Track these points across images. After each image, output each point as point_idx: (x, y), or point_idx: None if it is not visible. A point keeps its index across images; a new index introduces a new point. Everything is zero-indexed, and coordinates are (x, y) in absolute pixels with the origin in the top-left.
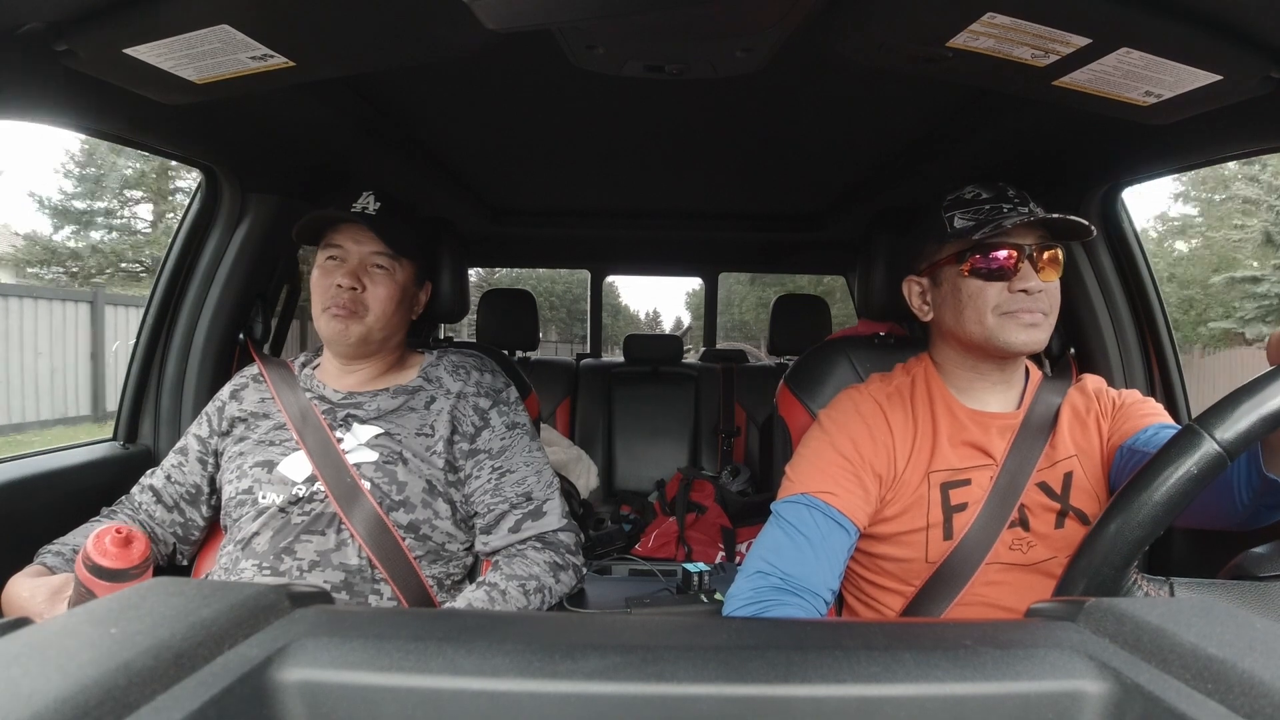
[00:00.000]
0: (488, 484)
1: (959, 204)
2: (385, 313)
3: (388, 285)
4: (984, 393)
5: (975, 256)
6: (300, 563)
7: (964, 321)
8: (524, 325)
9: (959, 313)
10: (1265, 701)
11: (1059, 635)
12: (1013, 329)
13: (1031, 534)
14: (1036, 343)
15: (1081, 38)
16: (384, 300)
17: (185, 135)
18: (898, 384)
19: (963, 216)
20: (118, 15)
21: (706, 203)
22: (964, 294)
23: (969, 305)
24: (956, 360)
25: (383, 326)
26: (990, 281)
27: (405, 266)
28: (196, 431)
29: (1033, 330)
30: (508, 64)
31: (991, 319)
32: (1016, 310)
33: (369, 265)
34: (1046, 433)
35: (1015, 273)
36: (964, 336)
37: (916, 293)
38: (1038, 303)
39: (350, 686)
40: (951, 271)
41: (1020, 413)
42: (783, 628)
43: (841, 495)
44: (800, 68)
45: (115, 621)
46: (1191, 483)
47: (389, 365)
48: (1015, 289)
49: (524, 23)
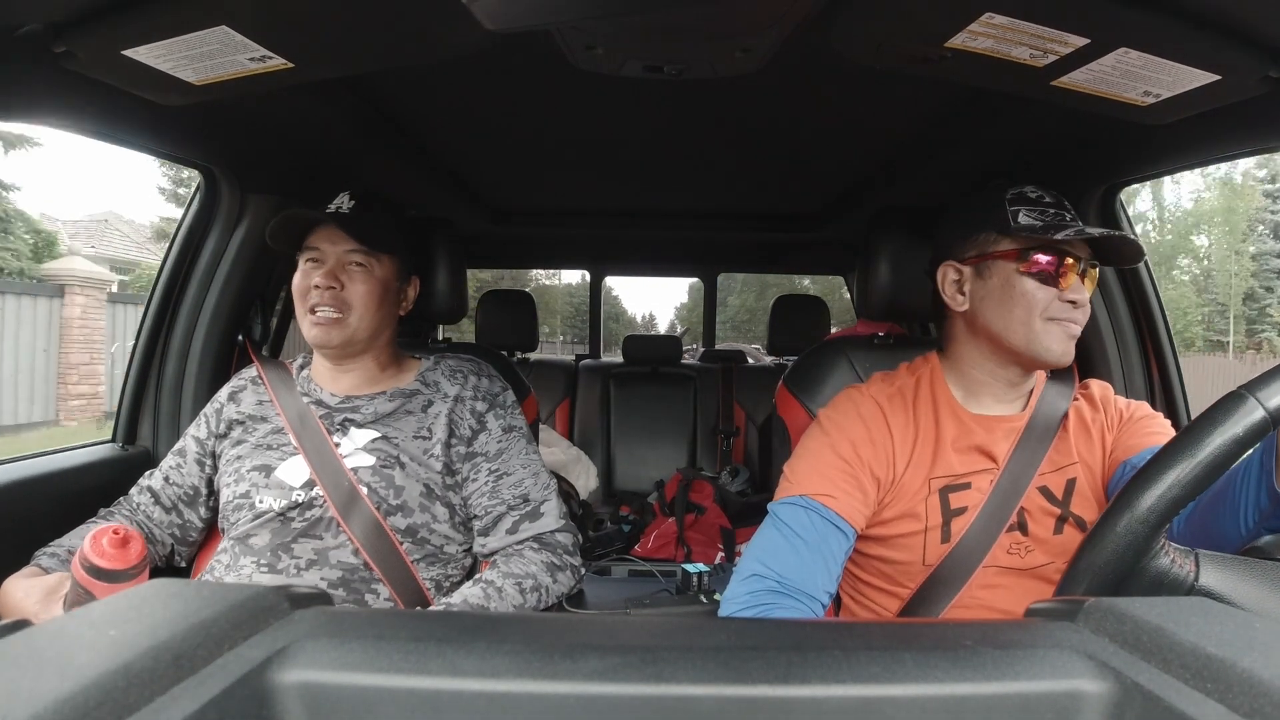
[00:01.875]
0: (485, 486)
1: (1024, 200)
2: (367, 309)
3: (367, 282)
4: (993, 396)
5: (1037, 257)
6: (298, 560)
7: (1011, 320)
8: (523, 326)
9: (1007, 310)
10: (1265, 701)
11: (1058, 635)
12: (1056, 336)
13: (1030, 538)
14: (1070, 355)
15: (1080, 38)
16: (364, 296)
17: (184, 136)
18: (900, 385)
19: (1028, 214)
20: (116, 17)
21: (706, 203)
22: (1016, 292)
23: (1019, 304)
24: (978, 359)
25: (367, 324)
26: (1045, 285)
27: (385, 262)
28: (194, 433)
29: (1070, 345)
30: (507, 64)
31: (1038, 323)
32: (1063, 319)
33: (346, 264)
34: (1051, 436)
35: (1069, 282)
36: (1003, 335)
37: (952, 280)
38: (1081, 314)
39: (350, 688)
40: (1006, 267)
41: (1025, 415)
42: (782, 628)
43: (840, 498)
44: (799, 68)
45: (114, 623)
46: (1235, 444)
47: (383, 365)
48: (1065, 298)
49: (523, 23)
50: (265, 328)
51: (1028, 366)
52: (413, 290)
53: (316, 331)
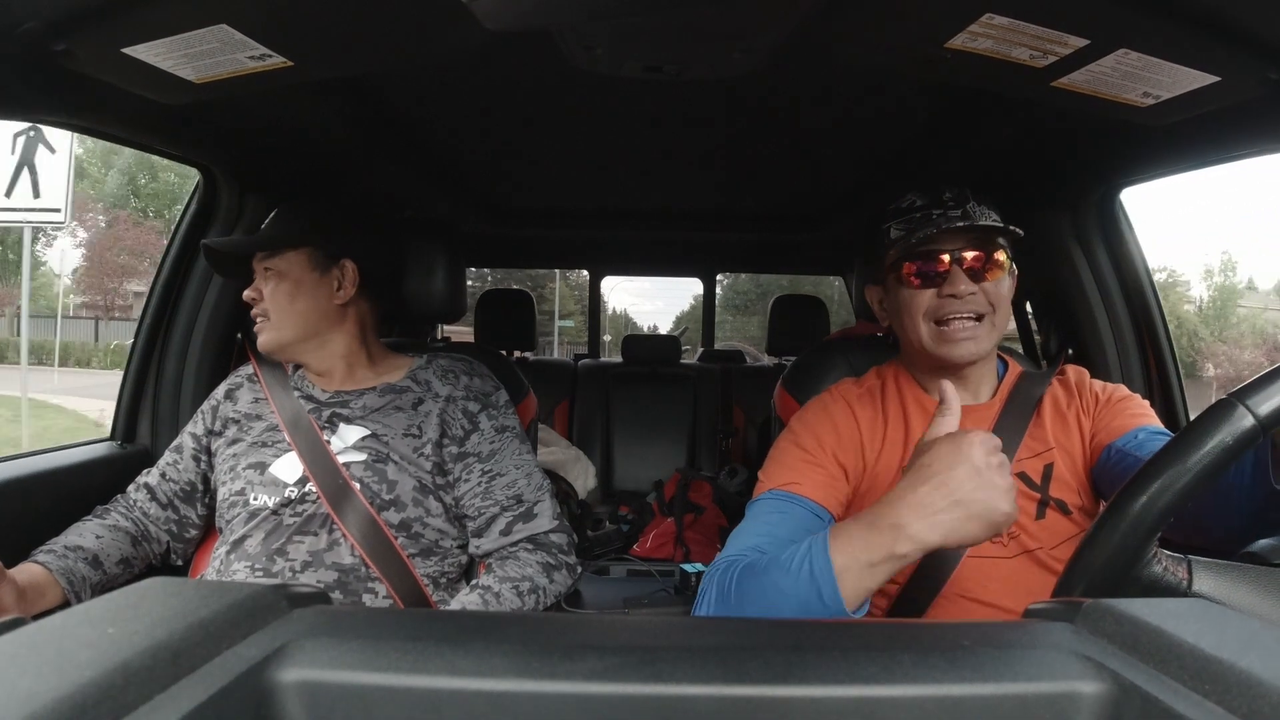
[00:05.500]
0: (477, 487)
1: (896, 213)
2: (282, 309)
3: (277, 281)
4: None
5: (905, 264)
6: (293, 563)
7: (905, 329)
8: (522, 326)
9: (900, 320)
10: (1263, 702)
11: (1056, 636)
12: (945, 344)
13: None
14: (974, 354)
15: (1080, 39)
16: (276, 297)
17: (183, 135)
18: (869, 385)
19: (897, 226)
20: (116, 15)
21: (705, 203)
22: (900, 301)
23: (905, 312)
24: (918, 362)
25: (290, 323)
26: (922, 289)
27: (290, 258)
28: (191, 430)
29: (967, 344)
30: (507, 64)
31: (925, 328)
32: (948, 318)
33: (262, 273)
34: (1025, 423)
35: (945, 278)
36: (909, 343)
37: (877, 299)
38: (969, 305)
39: (348, 687)
40: (891, 280)
41: (996, 403)
42: (782, 628)
43: (806, 483)
44: (799, 68)
45: (112, 621)
46: (1224, 454)
47: (358, 359)
48: (945, 294)
49: (523, 23)
50: None
51: (946, 367)
52: (349, 275)
53: (259, 341)
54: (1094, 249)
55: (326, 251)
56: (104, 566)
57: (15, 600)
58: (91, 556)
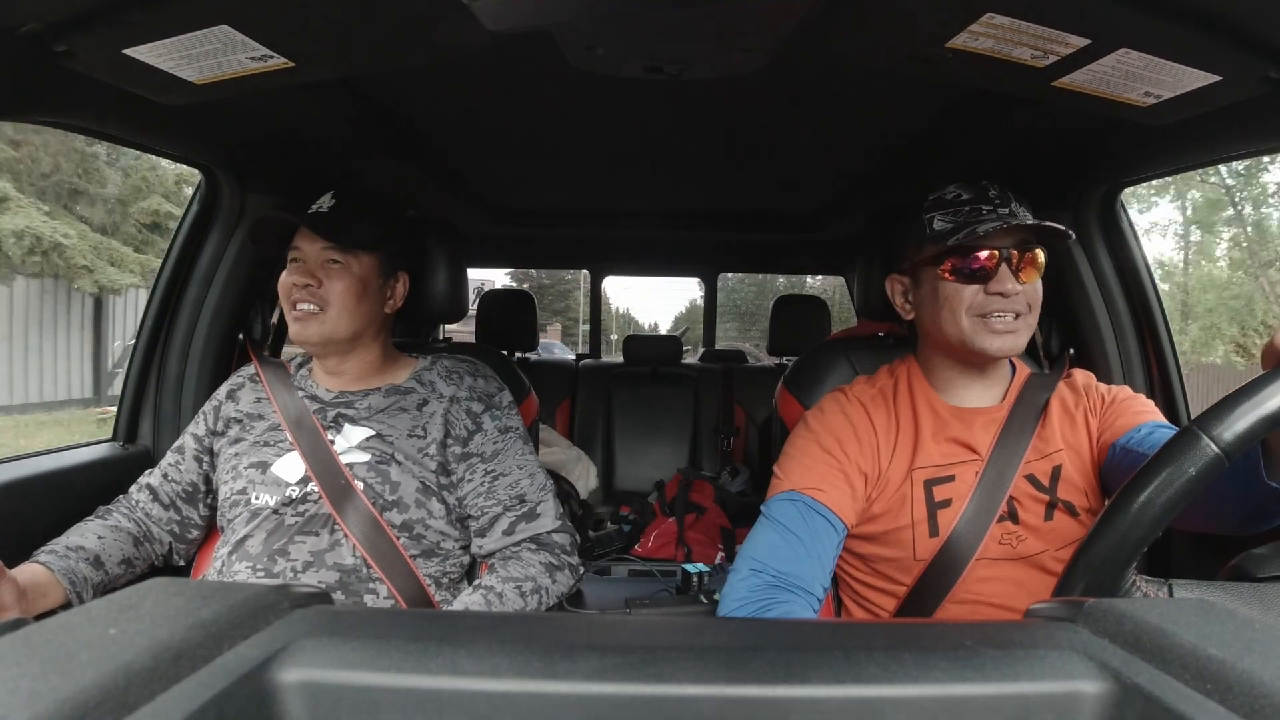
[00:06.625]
0: (481, 487)
1: (940, 205)
2: (345, 306)
3: (344, 279)
4: (966, 389)
5: (953, 259)
6: (294, 564)
7: (941, 323)
8: (524, 326)
9: (936, 314)
10: (1265, 702)
11: (1059, 636)
12: (986, 336)
13: (1021, 526)
14: (1011, 349)
15: (1081, 38)
16: (341, 294)
17: (184, 136)
18: (881, 385)
19: (942, 218)
20: (117, 16)
21: (706, 203)
22: (941, 295)
23: (945, 307)
24: (939, 359)
25: (346, 321)
26: (967, 284)
27: (363, 260)
28: (193, 430)
29: (1007, 337)
30: (508, 65)
31: (966, 321)
32: (991, 313)
33: (324, 262)
34: (1033, 425)
35: (993, 275)
36: (941, 337)
37: (899, 291)
38: (1013, 304)
39: (350, 687)
40: (930, 273)
41: (1005, 406)
42: (782, 628)
43: (829, 491)
44: (800, 68)
45: (114, 621)
46: (1190, 484)
47: (376, 362)
48: (992, 291)
49: (523, 23)
50: (265, 327)
51: (978, 362)
52: (401, 287)
53: (297, 327)
54: (1095, 248)
55: (388, 261)
56: (106, 567)
57: (17, 600)
58: (93, 557)
